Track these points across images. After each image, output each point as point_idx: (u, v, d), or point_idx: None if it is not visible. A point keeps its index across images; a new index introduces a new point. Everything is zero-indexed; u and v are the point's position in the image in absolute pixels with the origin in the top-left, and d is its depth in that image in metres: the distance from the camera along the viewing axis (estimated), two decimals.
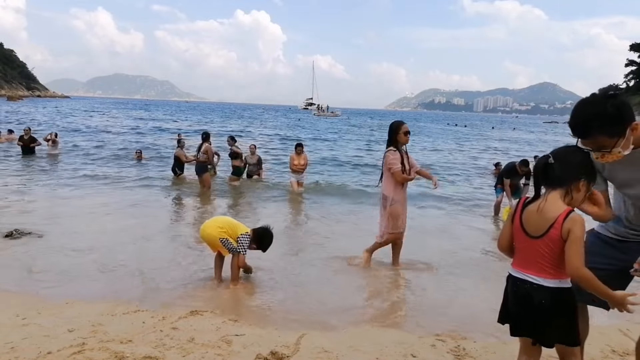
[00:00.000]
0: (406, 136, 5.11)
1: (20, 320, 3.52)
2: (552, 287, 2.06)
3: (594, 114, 2.08)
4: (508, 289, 2.22)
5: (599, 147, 2.14)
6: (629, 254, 2.41)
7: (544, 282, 2.07)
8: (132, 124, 35.09)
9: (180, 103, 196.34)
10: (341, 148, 24.31)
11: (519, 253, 2.19)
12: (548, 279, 2.07)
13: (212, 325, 3.57)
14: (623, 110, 2.11)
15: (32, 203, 8.36)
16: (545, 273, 2.08)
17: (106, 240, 6.13)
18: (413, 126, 57.67)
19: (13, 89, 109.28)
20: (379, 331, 3.64)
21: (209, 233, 4.57)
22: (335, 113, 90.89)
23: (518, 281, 2.14)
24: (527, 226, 2.12)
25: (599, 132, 2.09)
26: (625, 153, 2.15)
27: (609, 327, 3.72)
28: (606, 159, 2.16)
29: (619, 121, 2.09)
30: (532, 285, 2.09)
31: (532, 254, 2.10)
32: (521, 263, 2.16)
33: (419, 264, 5.61)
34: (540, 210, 2.08)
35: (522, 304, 2.13)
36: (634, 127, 2.13)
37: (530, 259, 2.11)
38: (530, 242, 2.10)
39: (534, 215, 2.10)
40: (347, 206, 9.39)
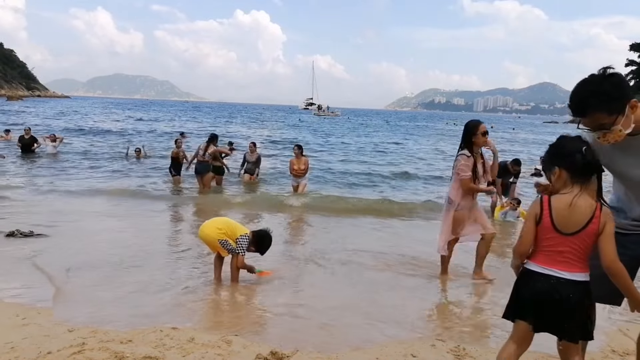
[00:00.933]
0: (484, 137, 4.62)
1: (20, 320, 3.52)
2: (580, 281, 2.09)
3: (592, 91, 2.11)
4: (523, 285, 2.20)
5: (598, 126, 2.15)
6: (630, 249, 2.39)
7: (571, 276, 2.09)
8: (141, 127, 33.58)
9: (181, 103, 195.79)
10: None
11: (542, 251, 2.16)
12: (576, 273, 2.09)
13: (212, 326, 3.57)
14: (621, 87, 2.13)
15: (33, 203, 8.36)
16: (575, 267, 2.10)
17: (105, 241, 6.13)
18: (413, 126, 57.64)
19: (13, 88, 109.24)
20: (379, 331, 3.64)
21: (208, 234, 4.57)
22: (335, 113, 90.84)
23: (542, 277, 2.12)
24: (559, 223, 2.11)
25: (597, 109, 2.11)
26: (627, 132, 2.15)
27: (609, 327, 3.72)
28: (607, 139, 2.16)
29: (617, 98, 2.11)
30: (559, 280, 2.09)
31: (561, 250, 2.11)
32: (545, 260, 2.14)
33: (428, 266, 5.60)
34: (573, 205, 2.08)
35: (545, 299, 2.10)
36: (633, 105, 2.14)
37: (557, 256, 2.11)
38: (562, 239, 2.10)
39: (566, 211, 2.09)
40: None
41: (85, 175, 11.98)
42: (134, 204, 8.69)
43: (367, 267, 5.45)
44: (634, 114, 2.15)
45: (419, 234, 7.37)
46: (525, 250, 2.21)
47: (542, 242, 2.16)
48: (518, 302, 2.22)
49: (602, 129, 2.14)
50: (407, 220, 8.41)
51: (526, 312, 2.19)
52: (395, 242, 6.71)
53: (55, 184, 10.36)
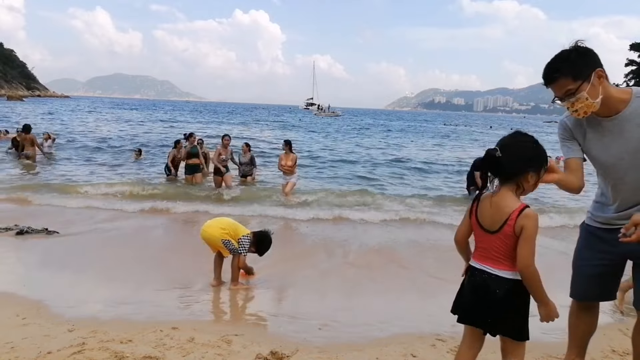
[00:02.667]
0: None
1: (20, 320, 3.52)
2: (507, 278, 2.09)
3: (559, 57, 2.22)
4: (465, 279, 2.25)
5: (565, 93, 2.22)
6: (616, 246, 2.37)
7: (500, 272, 2.09)
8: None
9: (184, 103, 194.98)
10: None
11: (477, 248, 2.21)
12: (505, 270, 2.09)
13: (212, 326, 3.57)
14: (586, 53, 2.21)
15: (32, 204, 8.35)
16: (502, 265, 2.10)
17: (110, 241, 6.13)
18: (412, 127, 57.68)
19: (13, 88, 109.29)
20: (379, 331, 3.64)
21: (211, 234, 4.57)
22: (335, 113, 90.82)
23: (476, 271, 2.16)
24: (483, 221, 2.14)
25: (563, 74, 2.20)
26: (595, 102, 2.20)
27: (609, 327, 3.72)
28: (577, 109, 2.22)
29: (582, 64, 2.19)
30: (490, 275, 2.11)
31: (489, 247, 2.13)
32: (480, 256, 2.17)
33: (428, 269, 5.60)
34: (493, 204, 2.09)
35: (478, 293, 2.14)
36: (599, 74, 2.20)
37: (488, 252, 2.13)
38: (487, 237, 2.12)
39: (487, 210, 2.11)
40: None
41: (81, 175, 11.96)
42: (138, 204, 8.64)
43: (367, 267, 5.45)
44: (602, 86, 2.21)
45: (418, 233, 7.37)
46: (458, 240, 2.28)
47: (475, 239, 2.21)
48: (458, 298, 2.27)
49: (569, 97, 2.21)
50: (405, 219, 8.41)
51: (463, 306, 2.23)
52: (395, 241, 6.70)
53: (53, 185, 10.32)
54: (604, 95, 2.22)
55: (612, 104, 2.26)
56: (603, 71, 2.21)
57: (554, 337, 2.93)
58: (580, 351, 2.74)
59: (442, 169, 16.81)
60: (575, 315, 2.69)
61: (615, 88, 2.29)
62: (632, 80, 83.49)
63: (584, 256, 2.59)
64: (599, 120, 2.32)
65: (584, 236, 2.63)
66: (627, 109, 2.25)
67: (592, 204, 2.60)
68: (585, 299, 2.65)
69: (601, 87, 2.20)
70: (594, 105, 2.21)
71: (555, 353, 3.13)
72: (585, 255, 2.59)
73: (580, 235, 2.67)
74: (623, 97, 2.26)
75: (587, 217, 2.61)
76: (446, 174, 15.40)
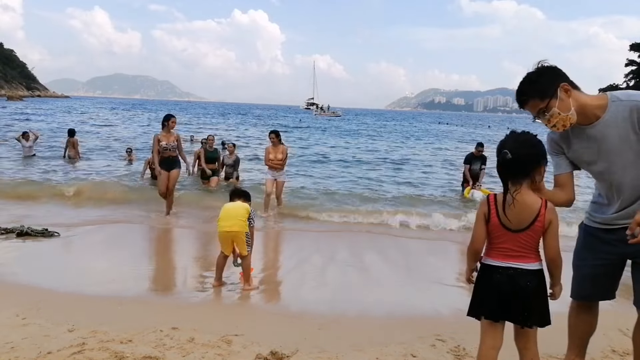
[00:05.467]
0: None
1: (20, 320, 3.52)
2: (535, 270, 2.20)
3: (524, 81, 2.35)
4: (484, 279, 2.27)
5: (538, 112, 2.34)
6: (617, 246, 2.43)
7: (527, 266, 2.18)
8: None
9: (185, 103, 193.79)
10: None
11: (495, 248, 2.25)
12: (531, 263, 2.19)
13: (212, 326, 3.57)
14: (546, 72, 2.32)
15: (33, 204, 8.36)
16: (528, 259, 2.19)
17: (109, 240, 6.13)
18: (411, 127, 57.68)
19: (13, 88, 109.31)
20: (379, 331, 3.64)
21: (238, 231, 4.41)
22: (336, 113, 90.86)
23: (500, 269, 2.20)
24: (507, 222, 2.19)
25: (531, 96, 2.33)
26: (569, 114, 2.28)
27: (609, 327, 3.72)
28: (555, 124, 2.32)
29: (544, 82, 2.29)
30: (517, 270, 2.18)
31: (513, 246, 2.20)
32: (499, 256, 2.22)
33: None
34: (517, 204, 2.16)
35: (505, 290, 2.18)
36: (566, 89, 2.28)
37: (511, 251, 2.20)
38: (512, 236, 2.19)
39: (512, 210, 2.17)
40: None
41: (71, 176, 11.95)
42: (139, 205, 8.63)
43: (367, 268, 5.45)
44: (572, 98, 2.29)
45: (415, 231, 7.37)
46: (479, 249, 2.29)
47: (494, 240, 2.25)
48: (479, 298, 2.30)
49: (543, 115, 2.32)
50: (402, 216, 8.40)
51: (484, 305, 2.27)
52: (395, 242, 6.71)
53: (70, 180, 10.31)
54: (577, 105, 2.30)
55: (590, 112, 2.33)
56: (568, 84, 2.29)
57: (554, 337, 2.93)
58: (580, 351, 2.75)
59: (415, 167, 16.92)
60: (575, 315, 2.71)
61: (590, 96, 2.37)
62: (632, 81, 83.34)
63: (584, 257, 2.62)
64: (582, 129, 2.38)
65: (583, 237, 2.66)
66: (606, 114, 2.31)
67: (590, 204, 2.63)
68: (586, 299, 2.67)
69: (571, 99, 2.29)
70: (568, 117, 2.29)
71: (556, 353, 3.13)
72: (585, 256, 2.61)
73: (579, 236, 2.70)
74: (599, 104, 2.33)
75: (586, 218, 2.64)
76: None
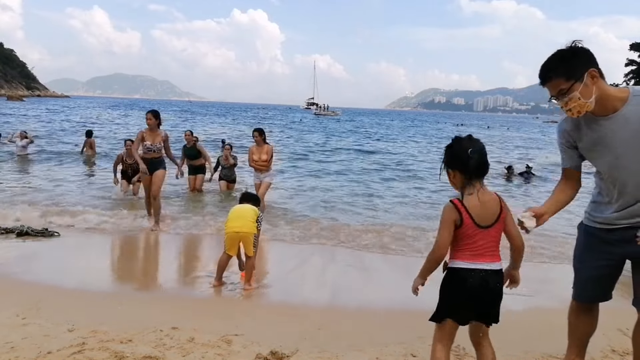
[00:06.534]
0: None
1: (20, 320, 3.52)
2: (500, 270, 2.27)
3: (553, 57, 2.27)
4: (455, 284, 2.28)
5: (558, 92, 2.26)
6: (617, 246, 2.40)
7: (495, 266, 2.25)
8: None
9: (185, 103, 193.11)
10: None
11: (466, 249, 2.25)
12: (497, 263, 2.26)
13: (212, 326, 3.57)
14: (580, 53, 2.24)
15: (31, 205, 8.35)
16: (494, 258, 2.26)
17: (108, 240, 6.12)
18: (408, 127, 57.62)
19: (13, 88, 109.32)
20: (379, 331, 3.64)
21: (248, 232, 4.43)
22: (335, 113, 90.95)
23: (472, 272, 2.23)
24: (479, 220, 2.22)
25: (557, 74, 2.24)
26: (588, 102, 2.22)
27: (609, 327, 3.72)
28: (571, 109, 2.25)
29: (575, 64, 2.21)
30: (487, 272, 2.23)
31: (486, 242, 2.24)
32: (471, 257, 2.24)
33: None
34: (482, 201, 2.22)
35: (477, 292, 2.23)
36: (593, 75, 2.21)
37: (483, 249, 2.24)
38: (483, 234, 2.23)
39: (478, 208, 2.22)
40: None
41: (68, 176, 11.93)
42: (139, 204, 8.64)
43: (366, 267, 5.45)
44: (596, 85, 2.22)
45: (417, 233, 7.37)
46: (444, 255, 2.29)
47: (465, 241, 2.25)
48: (450, 302, 2.31)
49: (562, 97, 2.25)
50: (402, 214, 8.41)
51: (457, 309, 2.29)
52: (395, 242, 6.70)
53: (51, 186, 10.34)
54: (599, 95, 2.23)
55: (610, 103, 2.27)
56: (597, 71, 2.22)
57: (554, 337, 2.93)
58: (580, 351, 2.74)
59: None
60: (575, 316, 2.69)
61: (613, 87, 2.30)
62: (632, 80, 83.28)
63: (585, 258, 2.57)
64: (597, 120, 2.32)
65: (583, 238, 2.61)
66: (625, 107, 2.25)
67: (590, 204, 2.57)
68: (588, 301, 2.64)
69: (595, 87, 2.22)
70: (587, 104, 2.23)
71: (555, 353, 3.13)
72: (586, 258, 2.57)
73: (578, 236, 2.65)
74: (620, 96, 2.27)
75: (585, 218, 2.59)
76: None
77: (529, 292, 4.38)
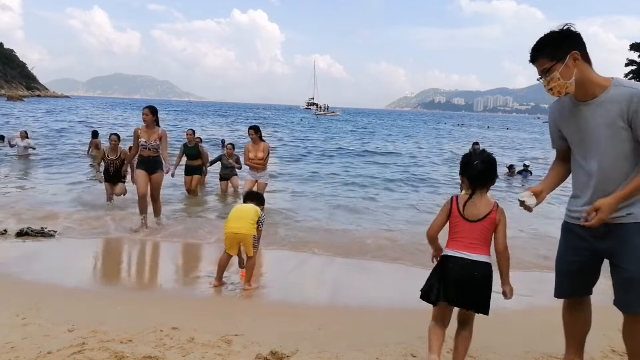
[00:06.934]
0: None
1: (20, 320, 3.52)
2: (483, 262, 2.55)
3: (542, 37, 2.34)
4: (446, 268, 2.61)
5: (542, 71, 2.34)
6: (589, 241, 2.40)
7: (477, 257, 2.55)
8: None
9: (185, 103, 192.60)
10: None
11: (453, 239, 2.64)
12: (481, 255, 2.55)
13: (212, 326, 3.57)
14: (566, 36, 2.29)
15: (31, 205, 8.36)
16: (479, 250, 2.56)
17: (107, 240, 6.13)
18: (408, 126, 57.64)
19: (13, 88, 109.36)
20: (379, 331, 3.64)
21: (246, 234, 4.41)
22: (335, 113, 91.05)
23: (456, 259, 2.58)
24: (466, 213, 2.60)
25: (542, 54, 2.32)
26: (567, 82, 2.27)
27: (609, 327, 3.71)
28: (551, 87, 2.31)
29: (560, 44, 2.27)
30: (467, 260, 2.55)
31: (469, 234, 2.58)
32: (456, 246, 2.61)
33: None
34: (476, 203, 2.60)
35: (460, 277, 2.55)
36: (575, 57, 2.26)
37: (466, 239, 2.58)
38: (468, 226, 2.59)
39: (469, 205, 2.61)
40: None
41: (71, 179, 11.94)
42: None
43: (366, 268, 5.45)
44: (578, 68, 2.26)
45: (417, 233, 7.37)
46: (433, 235, 2.71)
47: (454, 230, 2.64)
48: (429, 280, 2.68)
49: (545, 76, 2.32)
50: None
51: (445, 292, 2.59)
52: (395, 242, 6.70)
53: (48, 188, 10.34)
54: (580, 78, 2.27)
55: (589, 88, 2.30)
56: (579, 54, 2.26)
57: (554, 337, 2.93)
58: (577, 350, 2.74)
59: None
60: (568, 314, 2.70)
61: (598, 75, 2.33)
62: (632, 80, 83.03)
63: (560, 254, 2.62)
64: (578, 105, 2.36)
65: (562, 234, 2.64)
66: (603, 94, 2.27)
67: (569, 200, 2.59)
68: (564, 296, 2.65)
69: (576, 69, 2.26)
70: (566, 85, 2.28)
71: (555, 353, 3.13)
72: (561, 253, 2.61)
73: (560, 234, 2.67)
74: (602, 84, 2.29)
75: (565, 215, 2.61)
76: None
77: (529, 292, 4.39)
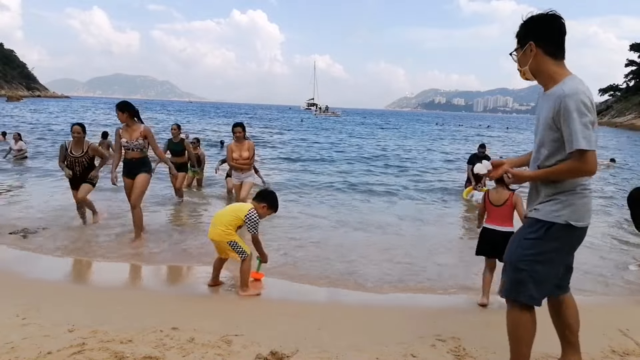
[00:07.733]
0: None
1: (20, 320, 3.52)
2: (506, 231, 4.14)
3: (524, 19, 2.37)
4: (484, 235, 4.32)
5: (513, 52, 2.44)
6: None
7: (503, 228, 4.19)
8: None
9: (186, 103, 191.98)
10: None
11: (489, 217, 4.32)
12: (507, 227, 4.19)
13: (212, 326, 3.57)
14: (534, 24, 2.32)
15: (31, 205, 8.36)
16: (505, 224, 4.20)
17: (105, 240, 6.13)
18: (407, 127, 57.61)
19: (13, 89, 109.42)
20: (379, 331, 3.64)
21: (219, 241, 4.33)
22: (335, 113, 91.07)
23: (488, 230, 4.28)
24: (494, 201, 4.29)
25: (516, 35, 2.41)
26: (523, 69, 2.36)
27: (609, 326, 3.72)
28: (518, 69, 2.43)
29: (525, 31, 2.34)
30: (497, 231, 4.21)
31: (497, 215, 4.25)
32: (491, 221, 4.29)
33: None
34: (498, 194, 4.29)
35: (494, 241, 4.18)
36: (531, 49, 2.31)
37: (496, 218, 4.26)
38: (496, 210, 4.26)
39: (494, 195, 4.31)
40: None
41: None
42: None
43: (366, 268, 5.44)
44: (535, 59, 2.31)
45: (418, 231, 7.37)
46: (481, 213, 4.44)
47: (488, 212, 4.33)
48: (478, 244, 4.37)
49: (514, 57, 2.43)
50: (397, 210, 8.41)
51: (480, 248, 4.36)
52: (395, 242, 6.70)
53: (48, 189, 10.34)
54: (534, 69, 2.33)
55: (543, 80, 2.35)
56: (535, 46, 2.29)
57: (554, 337, 2.93)
58: (573, 349, 2.75)
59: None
60: (551, 314, 2.78)
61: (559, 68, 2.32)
62: (632, 81, 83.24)
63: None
64: (542, 94, 2.42)
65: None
66: (553, 88, 2.30)
67: None
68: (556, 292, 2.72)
69: (533, 60, 2.31)
70: (523, 72, 2.38)
71: (555, 353, 3.13)
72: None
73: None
74: (555, 77, 2.31)
75: None
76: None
77: None
